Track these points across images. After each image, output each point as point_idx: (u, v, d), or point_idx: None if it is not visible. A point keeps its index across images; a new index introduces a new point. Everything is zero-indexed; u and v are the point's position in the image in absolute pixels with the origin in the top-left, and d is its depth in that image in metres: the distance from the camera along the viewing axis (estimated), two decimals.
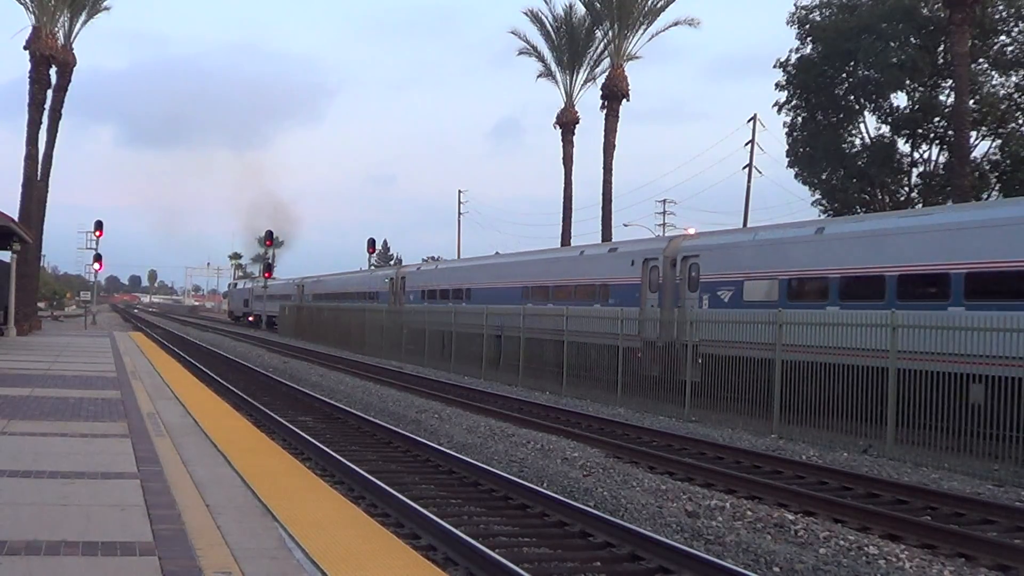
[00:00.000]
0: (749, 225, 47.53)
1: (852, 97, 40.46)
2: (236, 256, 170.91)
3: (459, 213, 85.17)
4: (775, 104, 42.01)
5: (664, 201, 79.37)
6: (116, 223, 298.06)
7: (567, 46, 50.90)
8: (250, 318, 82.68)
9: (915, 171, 40.08)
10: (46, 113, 44.96)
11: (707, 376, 20.83)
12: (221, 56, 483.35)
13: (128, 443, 10.30)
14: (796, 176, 42.61)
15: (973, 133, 35.43)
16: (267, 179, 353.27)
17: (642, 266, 26.45)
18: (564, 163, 51.03)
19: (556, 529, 10.15)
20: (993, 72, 37.60)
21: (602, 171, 46.83)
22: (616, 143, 46.85)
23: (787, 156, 42.21)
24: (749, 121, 56.58)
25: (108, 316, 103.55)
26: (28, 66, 44.60)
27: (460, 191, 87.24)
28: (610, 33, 48.05)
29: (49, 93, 45.06)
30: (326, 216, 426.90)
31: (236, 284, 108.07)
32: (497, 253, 44.57)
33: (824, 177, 41.44)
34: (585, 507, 10.60)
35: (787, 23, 41.19)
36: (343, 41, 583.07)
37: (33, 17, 44.74)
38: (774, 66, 41.46)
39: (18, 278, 36.61)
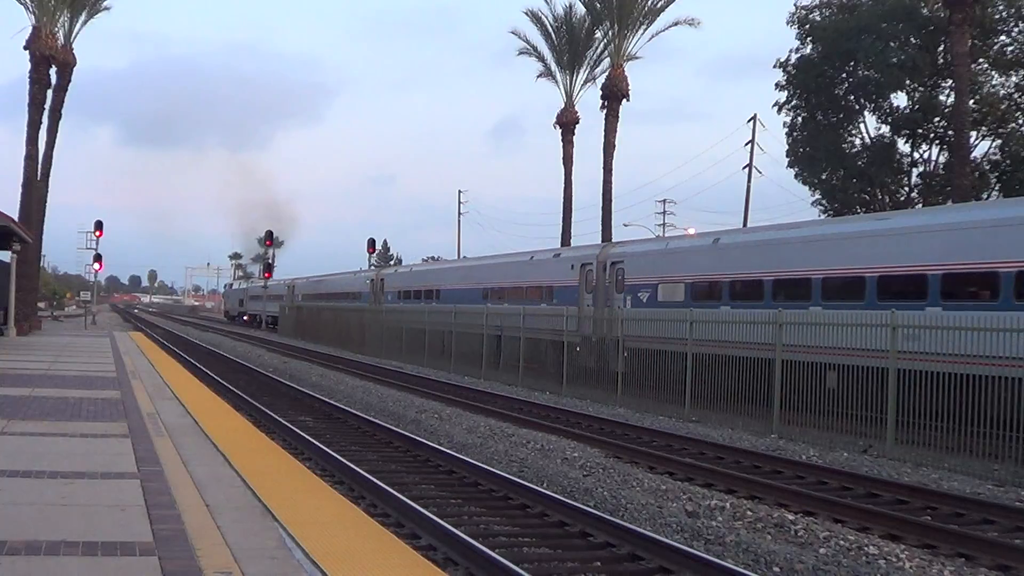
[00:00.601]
0: (751, 225, 47.68)
1: (852, 97, 40.47)
2: (236, 256, 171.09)
3: (459, 213, 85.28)
4: (775, 104, 42.07)
5: (664, 201, 79.38)
6: (116, 223, 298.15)
7: (567, 46, 50.89)
8: (244, 317, 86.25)
9: (915, 171, 40.10)
10: (46, 113, 44.98)
11: (633, 368, 23.40)
12: (221, 56, 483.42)
13: (128, 443, 10.30)
14: (796, 176, 42.66)
15: (973, 133, 35.44)
16: (266, 179, 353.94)
17: (580, 270, 29.82)
18: (564, 163, 51.03)
19: (556, 529, 10.15)
20: (993, 72, 37.62)
21: (602, 171, 46.86)
22: (616, 143, 46.89)
23: (787, 156, 42.25)
24: (749, 121, 56.73)
25: (108, 316, 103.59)
26: (28, 66, 44.65)
27: (460, 191, 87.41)
28: (610, 33, 48.04)
29: (49, 93, 45.07)
30: (326, 216, 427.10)
31: (232, 285, 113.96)
32: (464, 257, 48.42)
33: (824, 177, 41.45)
34: (585, 507, 10.60)
35: (787, 23, 41.24)
36: (343, 41, 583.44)
37: (33, 17, 44.77)
38: (774, 66, 41.52)
39: (18, 278, 36.61)
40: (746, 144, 56.38)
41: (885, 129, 40.40)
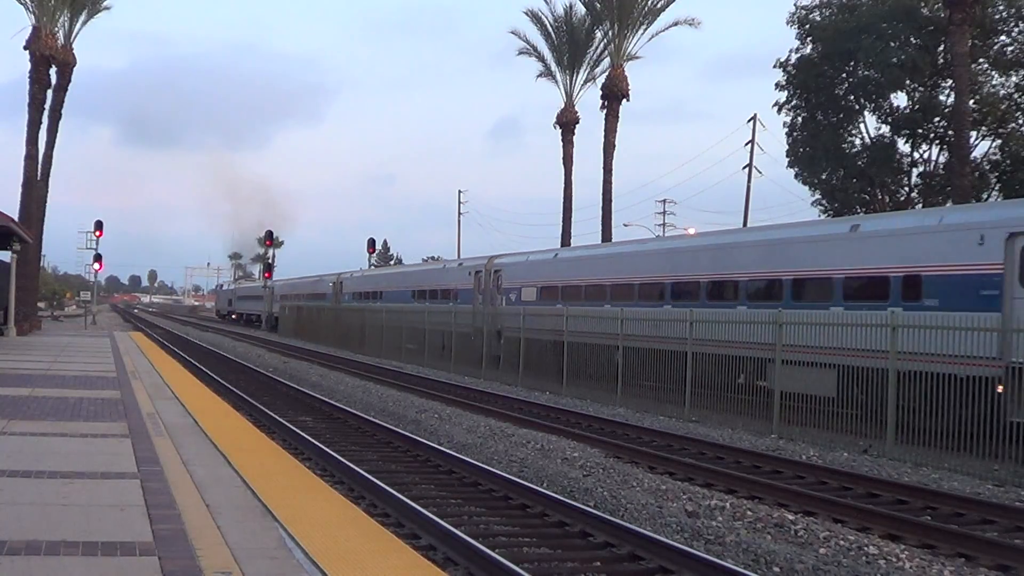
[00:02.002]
0: (749, 225, 47.74)
1: (852, 97, 40.44)
2: (236, 256, 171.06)
3: (459, 213, 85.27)
4: (775, 104, 42.04)
5: (664, 201, 79.32)
6: (116, 223, 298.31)
7: (567, 46, 50.91)
8: (233, 316, 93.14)
9: (915, 171, 40.08)
10: (46, 113, 45.01)
11: (509, 351, 29.93)
12: (221, 56, 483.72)
13: (128, 443, 10.30)
14: (796, 176, 42.63)
15: (973, 133, 35.42)
16: (262, 178, 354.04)
17: (474, 276, 37.22)
18: (564, 163, 51.05)
19: (556, 529, 10.15)
20: (993, 72, 37.59)
21: (602, 171, 46.88)
22: (616, 143, 46.93)
23: (787, 156, 42.22)
24: (749, 121, 56.67)
25: (108, 316, 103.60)
26: (28, 66, 44.66)
27: (460, 191, 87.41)
28: (610, 33, 48.06)
29: (49, 93, 45.09)
30: (326, 216, 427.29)
31: (223, 286, 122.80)
32: (401, 263, 55.95)
33: (824, 177, 41.42)
34: (585, 507, 10.60)
35: (787, 23, 41.21)
36: (343, 41, 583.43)
37: (33, 17, 44.80)
38: (774, 66, 41.50)
39: (18, 278, 36.61)
40: (746, 144, 56.40)
41: (885, 129, 40.41)
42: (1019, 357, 14.93)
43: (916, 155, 39.86)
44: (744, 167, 56.39)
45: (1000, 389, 15.18)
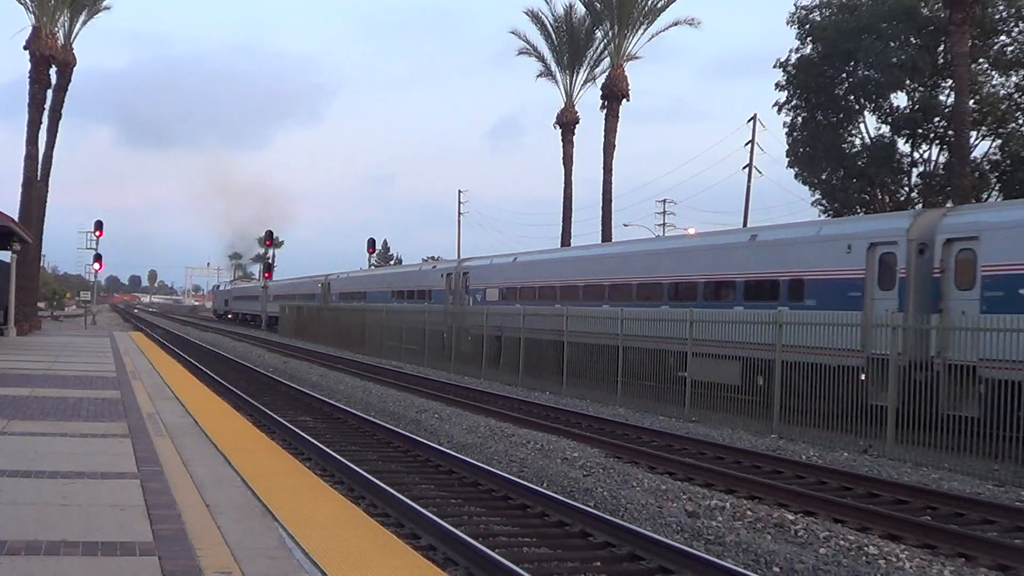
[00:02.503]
0: (750, 226, 47.76)
1: (852, 97, 40.41)
2: (236, 256, 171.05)
3: (459, 213, 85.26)
4: (775, 104, 42.00)
5: (664, 201, 79.25)
6: (116, 223, 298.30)
7: (567, 46, 50.89)
8: (229, 315, 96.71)
9: (915, 171, 40.06)
10: (46, 113, 44.99)
11: (476, 347, 32.07)
12: (221, 56, 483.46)
13: (128, 443, 10.30)
14: (796, 176, 42.61)
15: (973, 133, 35.40)
16: (259, 178, 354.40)
17: (446, 278, 41.02)
18: (564, 163, 51.04)
19: (556, 529, 10.15)
20: (993, 72, 37.57)
21: (602, 171, 46.88)
22: (616, 143, 46.92)
23: (787, 156, 42.20)
24: (749, 121, 56.65)
25: (108, 316, 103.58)
26: (28, 66, 44.64)
27: (460, 191, 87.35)
28: (610, 33, 48.05)
29: (49, 93, 45.07)
30: (326, 216, 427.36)
31: (219, 286, 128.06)
32: (382, 266, 61.97)
33: (824, 177, 41.41)
34: (585, 507, 10.60)
35: (787, 23, 41.17)
36: (343, 41, 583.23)
37: (33, 17, 44.78)
38: (774, 66, 41.46)
39: (18, 278, 36.60)
40: (746, 144, 56.38)
41: (885, 129, 40.38)
42: (877, 349, 17.32)
43: (916, 155, 39.84)
44: (744, 167, 56.43)
45: (863, 377, 17.55)
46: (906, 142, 39.75)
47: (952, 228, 18.01)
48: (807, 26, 40.21)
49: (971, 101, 34.40)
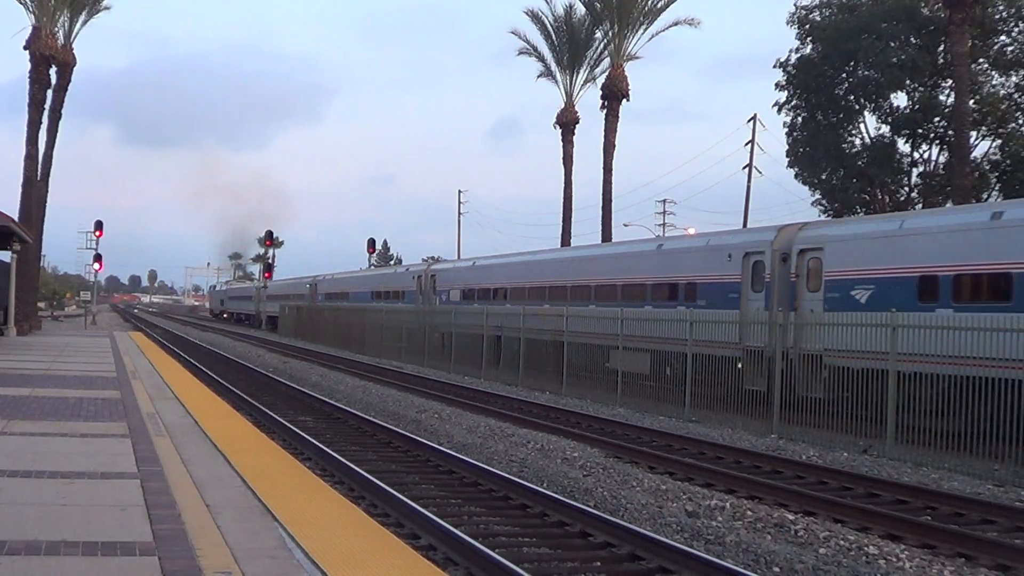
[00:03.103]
0: (751, 225, 47.85)
1: (852, 97, 40.40)
2: (236, 256, 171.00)
3: (459, 213, 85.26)
4: (775, 104, 41.99)
5: (664, 201, 79.29)
6: (116, 223, 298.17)
7: (567, 46, 50.88)
8: (224, 315, 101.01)
9: (915, 171, 40.06)
10: (46, 113, 44.97)
11: (443, 344, 35.05)
12: (221, 56, 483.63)
13: (128, 443, 10.30)
14: (796, 176, 42.61)
15: (973, 133, 35.41)
16: (256, 178, 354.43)
17: (416, 280, 44.86)
18: (564, 163, 51.02)
19: (556, 529, 10.15)
20: (993, 72, 37.57)
21: (602, 171, 46.87)
22: (616, 143, 46.91)
23: (787, 156, 42.20)
24: (749, 121, 56.67)
25: (108, 316, 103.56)
26: (28, 66, 44.63)
27: (460, 191, 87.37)
28: (610, 33, 48.05)
29: (49, 93, 45.05)
30: (326, 216, 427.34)
31: (215, 287, 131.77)
32: (361, 269, 65.19)
33: (824, 177, 41.40)
34: (585, 507, 10.60)
35: (787, 23, 41.17)
36: (342, 41, 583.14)
37: (33, 17, 44.77)
38: (774, 66, 41.45)
39: (18, 278, 36.60)
40: (746, 144, 56.39)
41: (885, 129, 40.37)
42: (751, 342, 20.52)
43: (916, 155, 39.84)
44: (744, 167, 56.45)
45: (740, 365, 20.57)
46: (906, 142, 39.76)
47: (804, 240, 21.23)
48: (807, 26, 40.20)
49: (971, 101, 34.41)
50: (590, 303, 28.17)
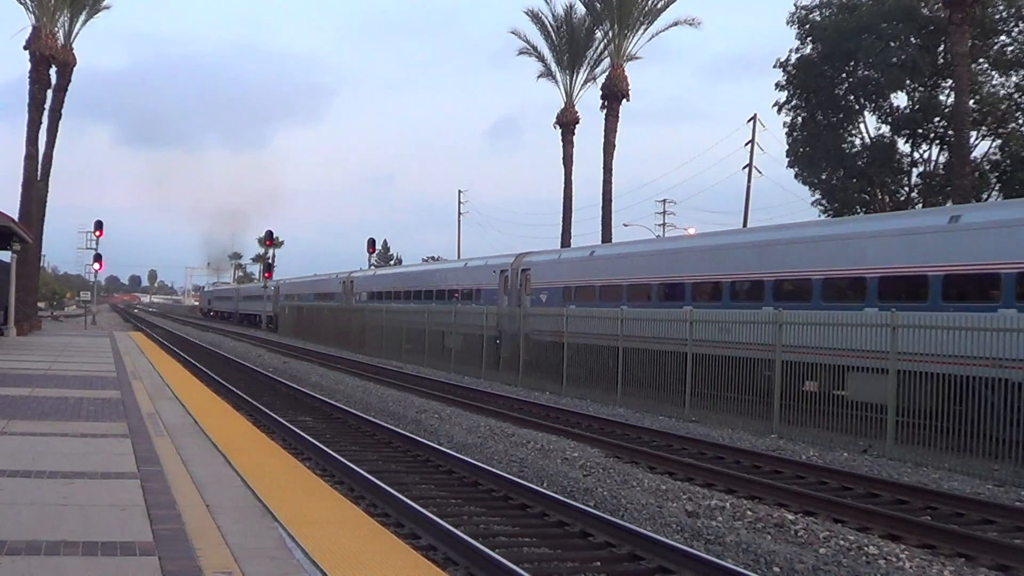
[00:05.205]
0: (749, 226, 47.81)
1: (852, 97, 40.44)
2: (236, 256, 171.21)
3: (459, 213, 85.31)
4: (775, 104, 42.07)
5: (664, 201, 79.36)
6: (116, 223, 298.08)
7: (567, 46, 50.87)
8: (212, 313, 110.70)
9: (915, 171, 40.08)
10: (46, 113, 44.94)
11: (379, 336, 42.49)
12: (220, 56, 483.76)
13: (128, 443, 10.30)
14: (796, 176, 42.67)
15: (973, 133, 35.41)
16: (253, 177, 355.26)
17: (342, 285, 58.17)
18: (564, 163, 51.02)
19: (556, 529, 10.15)
20: (993, 72, 37.60)
21: (602, 171, 46.86)
22: (616, 143, 46.89)
23: (787, 156, 42.24)
24: (749, 121, 56.70)
25: (108, 316, 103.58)
26: (28, 66, 44.61)
27: (460, 191, 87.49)
28: (610, 33, 48.04)
29: (49, 93, 45.02)
30: (326, 215, 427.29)
31: (204, 287, 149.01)
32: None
33: (824, 177, 41.44)
34: (585, 507, 10.60)
35: (787, 23, 41.24)
36: (342, 41, 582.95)
37: (33, 17, 44.74)
38: (774, 66, 41.53)
39: (18, 278, 36.59)
40: (746, 144, 56.42)
41: (885, 129, 40.42)
42: (501, 327, 31.32)
43: (916, 155, 39.88)
44: (744, 167, 56.48)
45: (498, 342, 31.00)
46: (906, 142, 39.79)
47: (524, 263, 33.74)
48: (807, 26, 40.24)
49: (971, 101, 34.41)
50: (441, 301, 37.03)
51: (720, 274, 23.35)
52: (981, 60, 36.87)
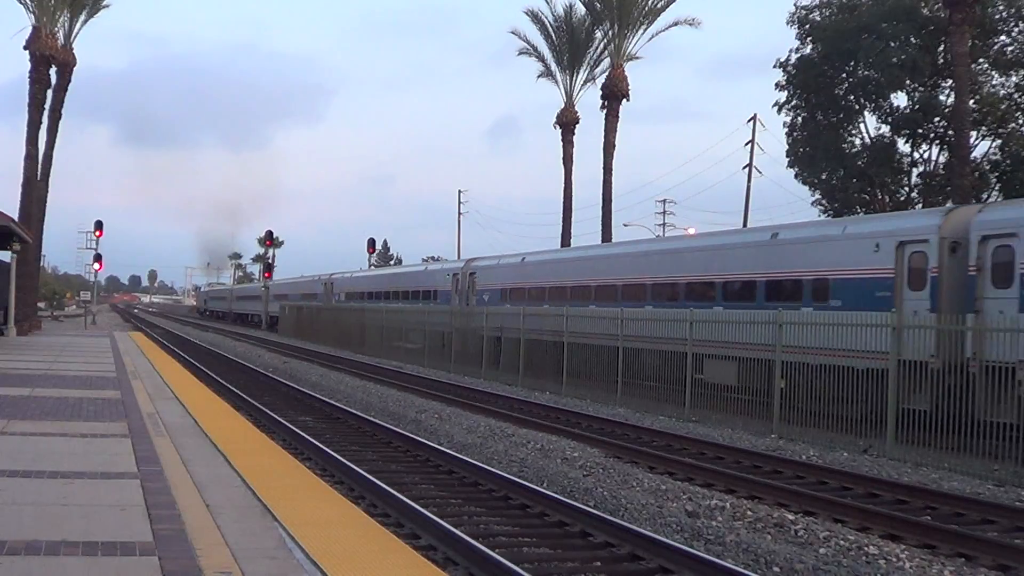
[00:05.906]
0: (748, 226, 47.84)
1: (852, 97, 40.39)
2: (236, 256, 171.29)
3: (459, 213, 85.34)
4: (775, 104, 41.99)
5: (664, 201, 79.30)
6: (116, 223, 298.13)
7: (567, 46, 50.88)
8: (207, 312, 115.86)
9: (915, 171, 40.05)
10: (46, 113, 44.98)
11: (330, 331, 49.64)
12: (220, 56, 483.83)
13: (128, 443, 10.30)
14: (796, 176, 42.60)
15: (973, 133, 35.38)
16: (251, 177, 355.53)
17: (323, 285, 62.31)
18: (564, 163, 51.02)
19: (556, 529, 10.15)
20: (993, 72, 37.56)
21: (602, 171, 46.87)
22: (616, 143, 46.91)
23: (787, 156, 42.20)
24: (749, 121, 56.69)
25: (108, 316, 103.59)
26: (28, 66, 44.64)
27: (460, 191, 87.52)
28: (610, 33, 48.05)
29: (49, 93, 45.06)
30: (326, 215, 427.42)
31: (200, 287, 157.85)
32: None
33: (824, 177, 41.39)
34: (585, 507, 10.60)
35: (787, 23, 41.16)
36: (342, 41, 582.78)
37: (33, 17, 44.79)
38: (774, 66, 41.44)
39: (18, 278, 36.59)
40: (746, 144, 56.41)
41: (885, 129, 40.36)
42: (452, 322, 34.97)
43: (916, 155, 39.83)
44: (744, 167, 56.46)
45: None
46: (906, 142, 39.75)
47: (471, 268, 38.54)
48: (807, 26, 40.20)
49: (971, 101, 34.38)
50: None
51: (614, 278, 29.01)
52: (981, 60, 36.84)
